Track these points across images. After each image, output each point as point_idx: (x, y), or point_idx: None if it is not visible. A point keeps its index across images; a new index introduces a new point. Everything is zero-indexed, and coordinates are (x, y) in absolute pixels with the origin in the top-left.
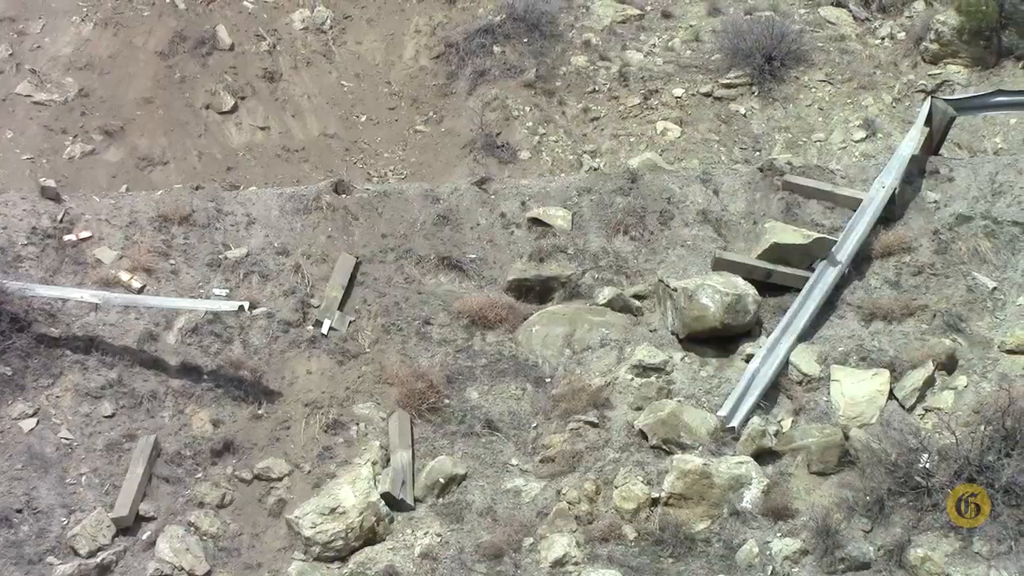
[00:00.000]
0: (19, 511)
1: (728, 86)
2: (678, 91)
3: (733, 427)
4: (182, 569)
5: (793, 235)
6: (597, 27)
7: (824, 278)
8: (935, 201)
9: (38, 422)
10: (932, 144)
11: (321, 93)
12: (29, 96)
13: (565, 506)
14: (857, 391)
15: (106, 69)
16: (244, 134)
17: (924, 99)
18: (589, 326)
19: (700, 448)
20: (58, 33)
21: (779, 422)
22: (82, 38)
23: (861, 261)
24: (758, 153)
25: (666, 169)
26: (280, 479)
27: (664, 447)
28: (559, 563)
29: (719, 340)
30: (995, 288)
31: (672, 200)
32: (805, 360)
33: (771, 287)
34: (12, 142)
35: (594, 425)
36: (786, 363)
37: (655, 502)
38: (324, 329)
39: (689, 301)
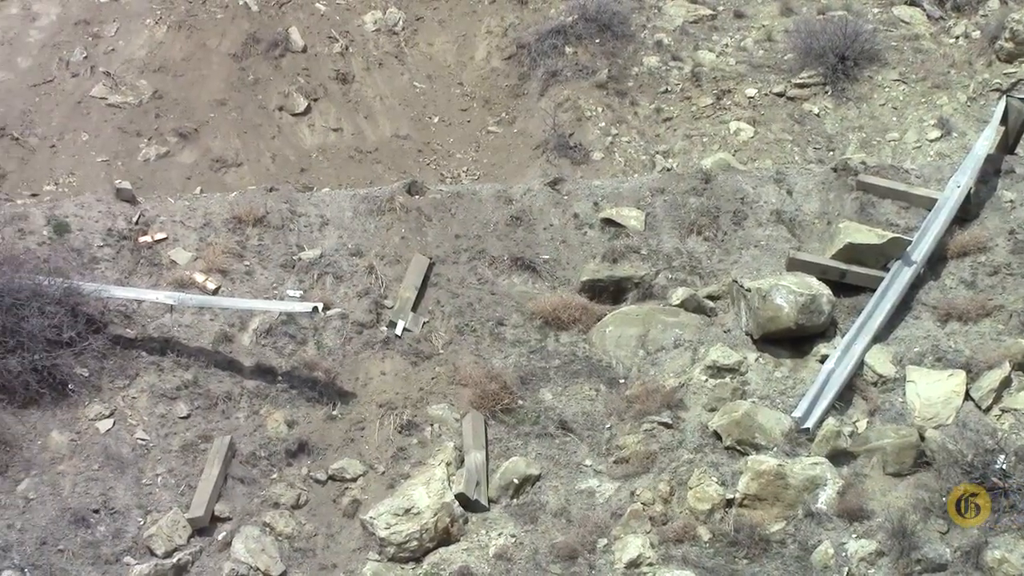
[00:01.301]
0: (96, 511)
1: (801, 86)
2: (751, 91)
3: (808, 428)
4: (257, 569)
5: (868, 235)
6: (669, 27)
7: (899, 278)
8: (1011, 200)
9: (115, 423)
10: (1008, 143)
11: (393, 94)
12: (104, 99)
13: (639, 507)
14: (933, 392)
15: (180, 71)
16: (317, 136)
17: (999, 98)
18: (663, 327)
19: (775, 449)
20: (132, 36)
21: (854, 423)
22: (156, 41)
23: (936, 261)
24: (832, 153)
25: (739, 169)
26: (354, 480)
27: (738, 448)
28: (633, 564)
29: (793, 341)
30: None
31: (746, 200)
32: (880, 361)
33: (845, 287)
34: (88, 144)
35: (668, 426)
36: (861, 364)
37: (729, 503)
38: (398, 330)
39: (763, 302)
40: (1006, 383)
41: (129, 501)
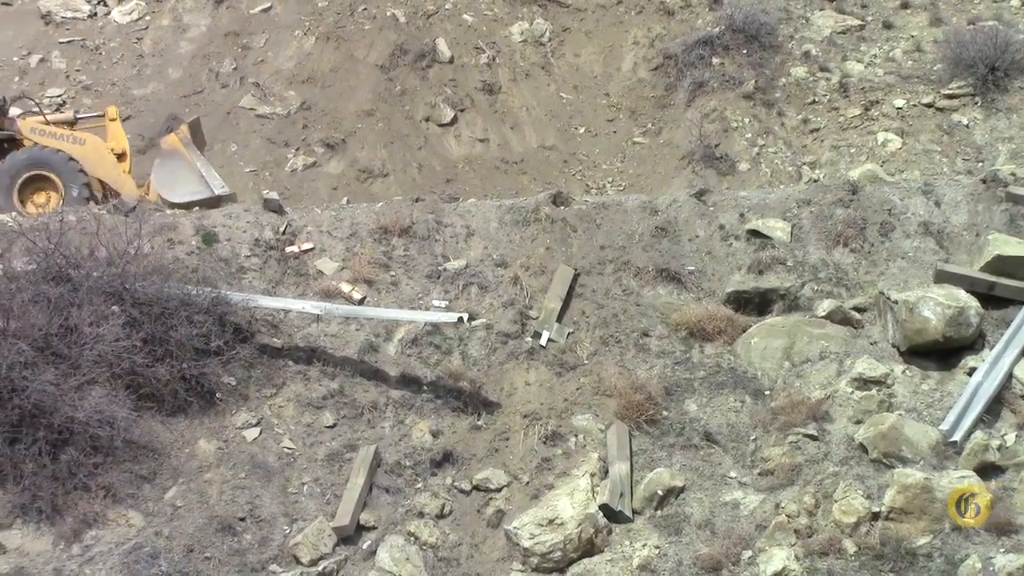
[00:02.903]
0: (242, 519)
1: (950, 96)
2: (899, 102)
3: (955, 441)
4: None
5: (1017, 247)
6: (817, 38)
7: None
8: None
9: (261, 432)
10: None
11: (539, 105)
12: (252, 109)
13: (784, 519)
14: None
15: (328, 82)
16: (463, 146)
17: None
18: (808, 339)
19: (921, 462)
20: (281, 47)
21: (1002, 436)
22: (304, 52)
23: None
24: (981, 164)
25: (887, 180)
26: (499, 490)
27: (884, 461)
28: None
29: (941, 353)
30: None
31: (893, 212)
32: None
33: (994, 300)
34: (236, 155)
35: (813, 438)
36: (1009, 376)
37: (875, 516)
38: (543, 340)
39: (910, 314)
40: None
41: (275, 509)
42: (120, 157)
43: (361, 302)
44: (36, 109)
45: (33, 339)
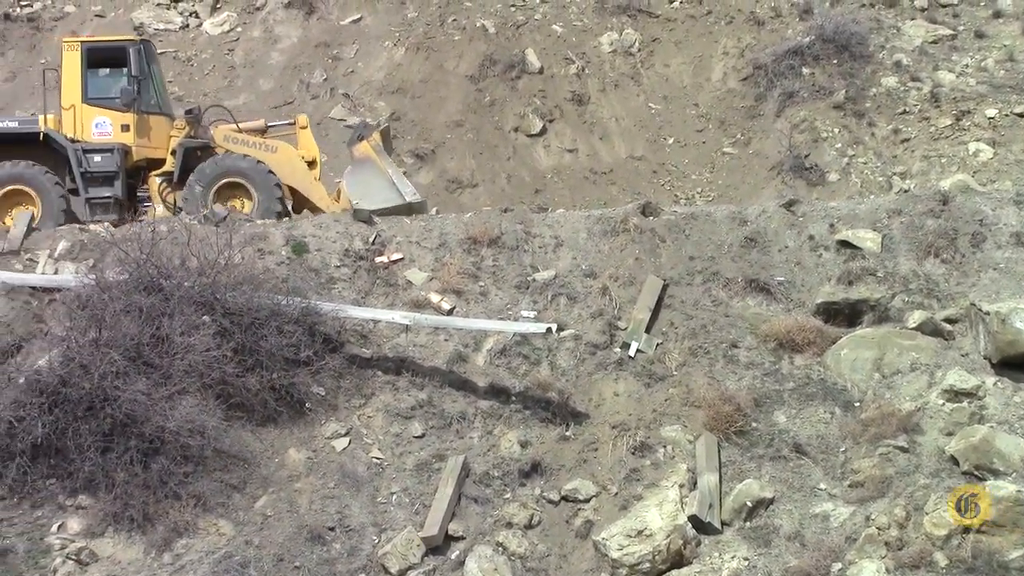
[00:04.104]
0: (331, 529)
1: None
2: (991, 111)
3: None
4: None
5: None
6: (908, 47)
7: None
8: None
9: (350, 442)
10: None
11: (628, 115)
12: (342, 120)
13: (874, 531)
14: None
15: (417, 93)
16: (552, 156)
17: None
18: (899, 350)
19: (1013, 475)
20: (371, 58)
21: None
22: (394, 63)
23: None
24: None
25: (978, 191)
26: (587, 501)
27: (976, 473)
28: None
29: None
30: None
31: (984, 222)
32: None
33: None
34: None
35: (904, 450)
36: None
37: (967, 529)
38: (631, 351)
39: (1002, 325)
40: None
41: (364, 519)
42: (311, 165)
43: (450, 312)
44: (229, 117)
45: (125, 349)
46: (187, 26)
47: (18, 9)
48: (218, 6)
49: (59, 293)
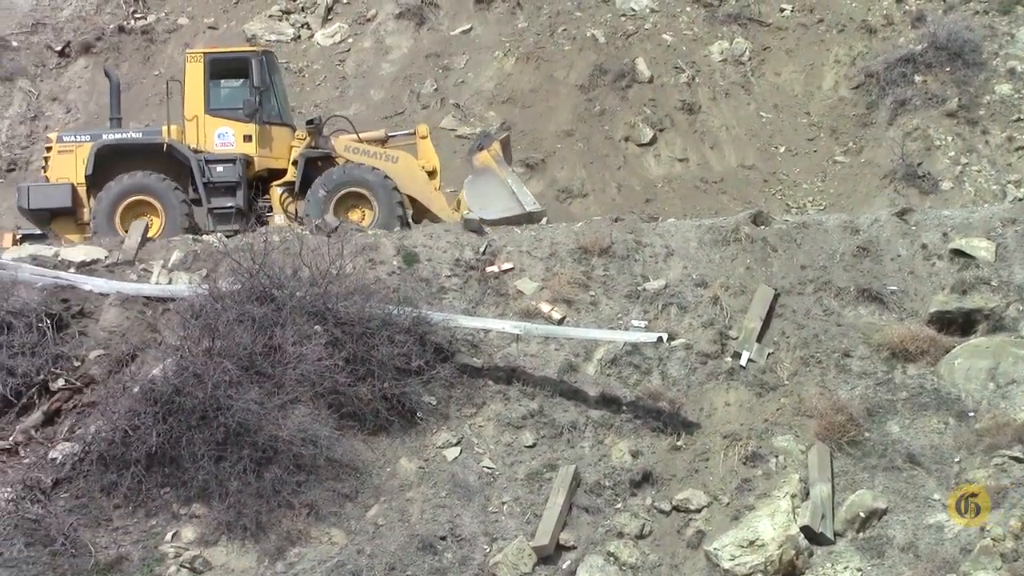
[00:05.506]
0: (443, 538)
1: None
2: None
3: None
4: None
5: None
6: (1022, 54)
7: None
8: None
9: (461, 451)
10: None
11: (739, 124)
12: (453, 130)
13: (989, 543)
14: None
15: (527, 102)
16: (662, 166)
17: None
18: (1014, 359)
19: None
20: (481, 68)
21: None
22: (504, 72)
23: None
24: None
25: None
26: (698, 511)
27: None
28: None
29: None
30: None
31: None
32: None
33: None
34: None
35: (1019, 460)
36: None
37: None
38: (742, 361)
39: None
40: None
41: (475, 528)
42: (431, 175)
43: (560, 322)
44: (349, 128)
45: (238, 358)
46: (299, 37)
47: (132, 21)
48: (330, 17)
49: (173, 303)
